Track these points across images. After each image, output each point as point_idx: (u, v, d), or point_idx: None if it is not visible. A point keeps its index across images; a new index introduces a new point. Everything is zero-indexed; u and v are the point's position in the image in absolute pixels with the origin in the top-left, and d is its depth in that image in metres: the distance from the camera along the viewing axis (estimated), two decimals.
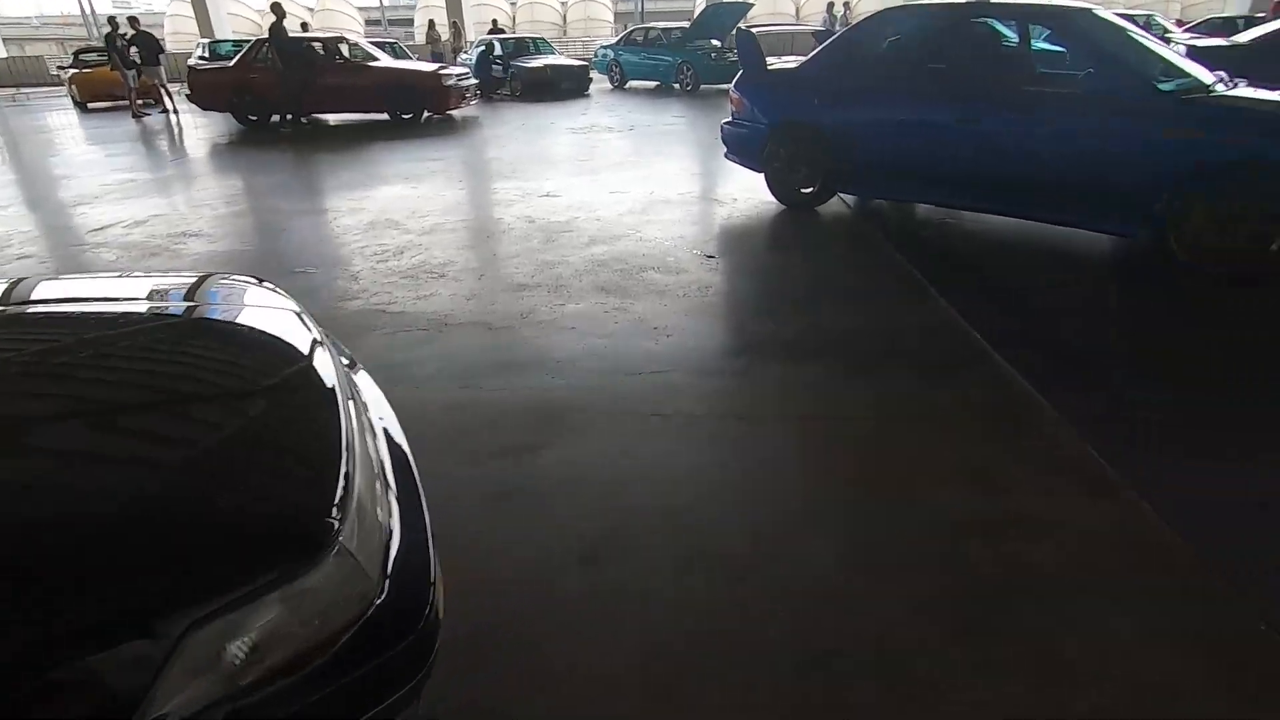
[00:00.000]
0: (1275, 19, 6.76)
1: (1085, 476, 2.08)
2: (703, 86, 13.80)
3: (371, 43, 13.30)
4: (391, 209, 5.31)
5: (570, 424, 2.40)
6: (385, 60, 11.33)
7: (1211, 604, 1.63)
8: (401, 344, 3.04)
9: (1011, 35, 4.85)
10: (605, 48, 16.73)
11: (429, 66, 11.55)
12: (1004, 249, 4.29)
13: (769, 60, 5.32)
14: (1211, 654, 1.50)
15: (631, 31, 16.27)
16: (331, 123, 10.95)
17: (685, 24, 15.11)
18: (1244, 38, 5.52)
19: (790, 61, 5.41)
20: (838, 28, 14.09)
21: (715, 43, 13.84)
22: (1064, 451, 2.21)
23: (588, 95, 14.22)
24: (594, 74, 15.44)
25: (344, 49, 11.05)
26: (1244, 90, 3.79)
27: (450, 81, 10.51)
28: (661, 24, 15.97)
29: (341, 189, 6.29)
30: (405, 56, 14.12)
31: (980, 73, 4.41)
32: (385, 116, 10.47)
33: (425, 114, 10.60)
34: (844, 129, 4.65)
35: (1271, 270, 3.33)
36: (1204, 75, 3.92)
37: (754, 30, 5.78)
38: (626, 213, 5.06)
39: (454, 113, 11.06)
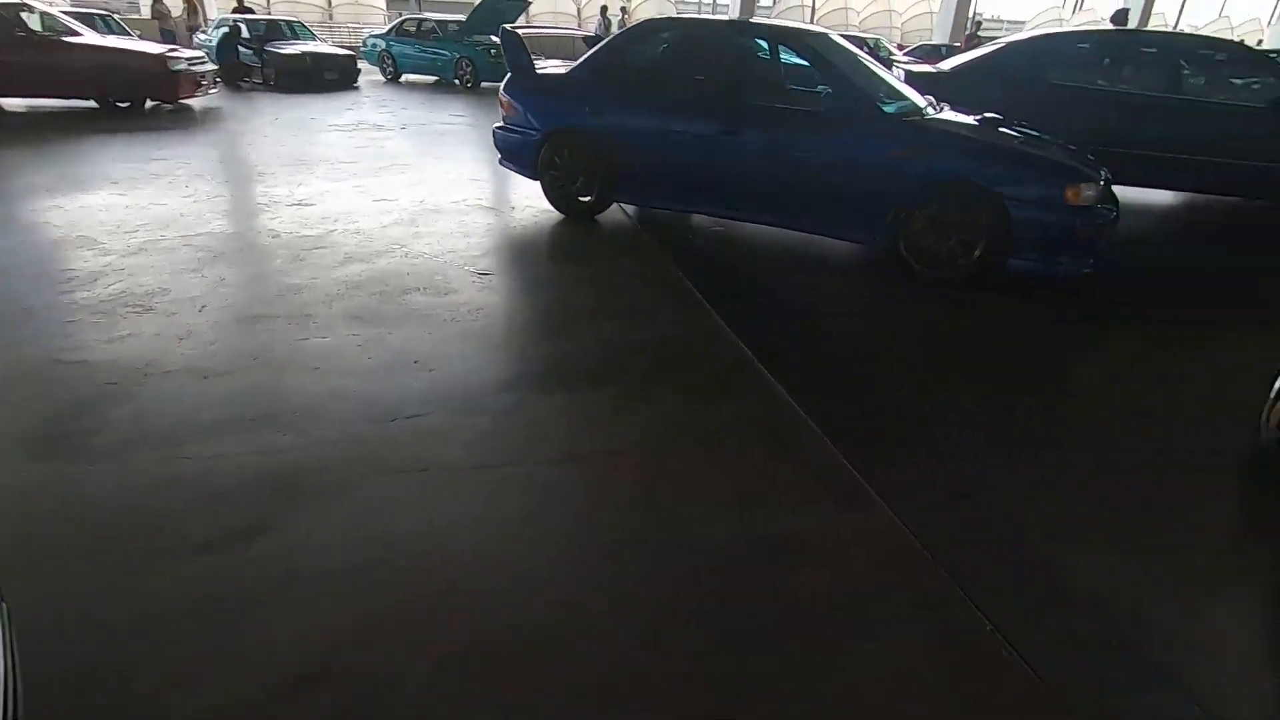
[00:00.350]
0: (968, 50, 7.93)
1: (843, 491, 2.17)
2: (484, 84, 13.33)
3: (75, 14, 11.05)
4: (87, 222, 4.33)
5: (305, 494, 2.02)
6: (91, 37, 9.42)
7: (946, 611, 1.74)
8: (79, 405, 2.40)
9: (767, 52, 5.15)
10: (375, 37, 15.54)
11: (155, 47, 9.81)
12: (770, 257, 4.53)
13: (540, 64, 5.17)
14: (948, 663, 1.58)
15: (403, 21, 15.26)
16: (18, 110, 8.86)
17: (463, 17, 14.49)
18: (945, 66, 6.42)
19: (560, 66, 5.30)
20: (615, 32, 14.36)
21: (495, 39, 13.41)
22: (824, 466, 2.29)
23: (356, 88, 13.09)
24: (364, 65, 14.27)
25: (30, 20, 8.98)
26: (948, 114, 4.34)
27: (180, 66, 9.01)
28: (436, 15, 15.15)
29: (20, 196, 5.03)
30: (124, 33, 11.93)
31: (738, 87, 4.63)
32: (95, 105, 8.71)
33: (149, 103, 9.00)
34: (615, 138, 4.62)
35: (977, 272, 3.82)
36: (918, 99, 4.44)
37: (520, 31, 5.58)
38: (393, 224, 4.60)
39: (192, 103, 9.54)
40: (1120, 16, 10.14)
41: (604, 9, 16.18)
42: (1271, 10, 24.97)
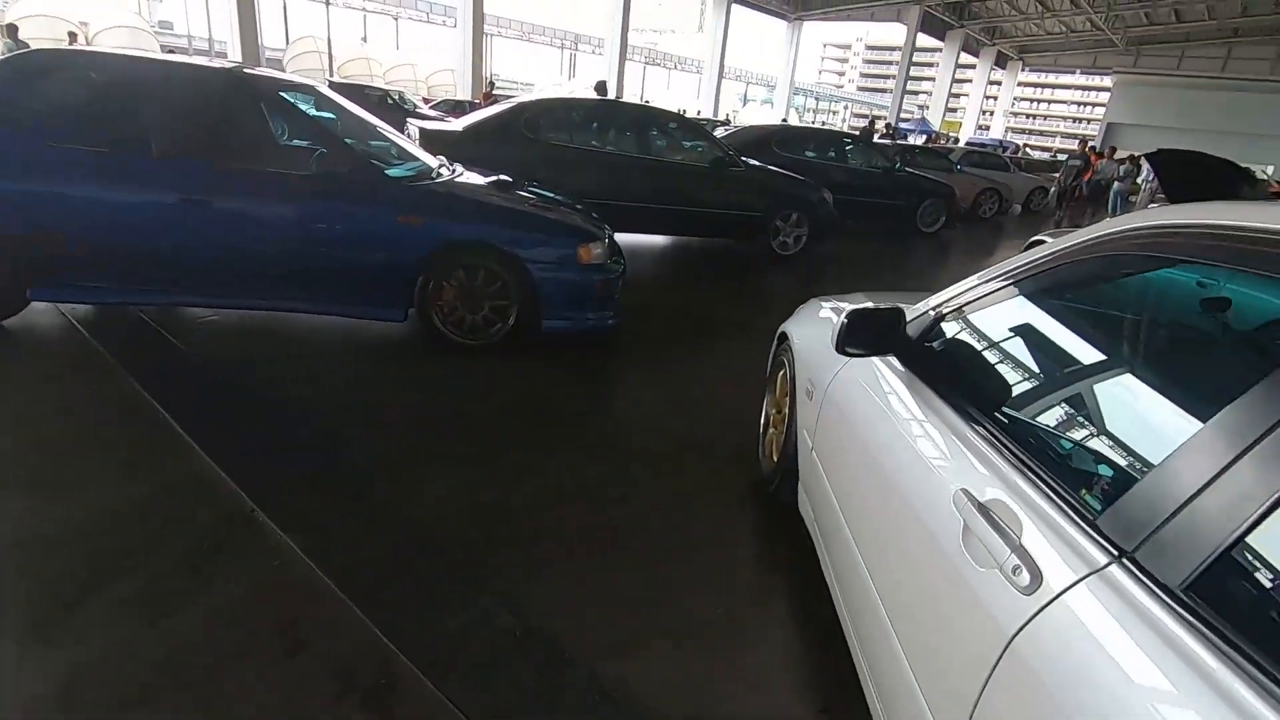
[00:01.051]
0: (486, 107, 8.21)
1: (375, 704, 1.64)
2: None
3: None
4: None
5: None
6: None
7: None
8: None
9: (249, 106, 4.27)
10: None
11: None
12: (286, 351, 3.71)
13: None
14: None
15: None
16: None
17: None
18: (460, 125, 6.45)
19: None
20: None
21: None
22: (341, 668, 1.73)
23: None
24: None
25: None
26: (462, 176, 4.18)
27: None
28: None
29: None
30: None
31: (207, 146, 3.68)
32: None
33: None
34: (14, 211, 3.23)
35: (515, 337, 3.72)
36: (430, 160, 4.19)
37: None
38: None
39: None
40: (601, 87, 11.92)
41: (12, 29, 12.02)
42: (697, 88, 33.90)
